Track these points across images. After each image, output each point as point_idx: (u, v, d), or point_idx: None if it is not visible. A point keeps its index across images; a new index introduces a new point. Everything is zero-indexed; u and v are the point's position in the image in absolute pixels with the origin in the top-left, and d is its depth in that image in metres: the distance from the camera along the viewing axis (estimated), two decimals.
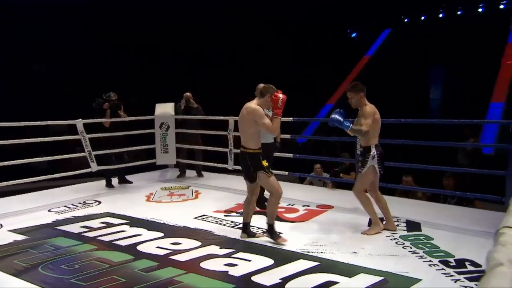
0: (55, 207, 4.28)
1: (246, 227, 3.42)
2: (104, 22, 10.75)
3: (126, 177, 5.48)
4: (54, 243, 3.23)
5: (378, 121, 3.31)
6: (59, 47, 10.55)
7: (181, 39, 11.88)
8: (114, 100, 5.23)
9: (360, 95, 3.30)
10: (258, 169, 3.21)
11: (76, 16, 10.57)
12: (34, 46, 10.55)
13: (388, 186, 4.49)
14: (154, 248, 3.12)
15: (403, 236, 3.38)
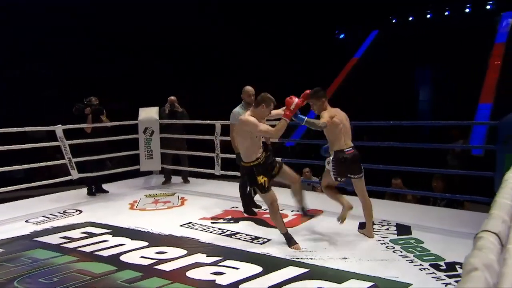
0: (33, 218, 4.19)
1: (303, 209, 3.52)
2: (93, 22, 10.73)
3: (103, 186, 5.37)
4: (32, 255, 3.16)
5: (336, 124, 3.27)
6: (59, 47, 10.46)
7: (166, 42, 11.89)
8: (96, 104, 5.17)
9: (322, 101, 3.31)
10: (253, 185, 3.26)
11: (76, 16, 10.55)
12: (34, 46, 10.45)
13: (378, 189, 4.53)
14: (138, 258, 3.08)
15: (393, 240, 3.41)
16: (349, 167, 3.33)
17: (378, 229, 3.71)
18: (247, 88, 4.22)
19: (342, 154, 3.28)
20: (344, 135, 3.32)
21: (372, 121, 5.17)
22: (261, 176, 3.20)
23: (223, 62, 12.23)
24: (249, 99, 4.20)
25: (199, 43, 12.01)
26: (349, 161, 3.30)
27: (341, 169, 3.31)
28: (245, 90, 4.21)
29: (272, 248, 3.28)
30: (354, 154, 3.34)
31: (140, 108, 5.87)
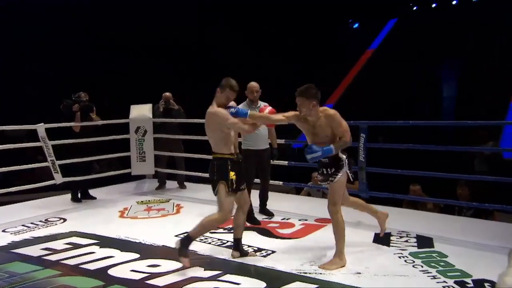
0: (11, 227, 4.21)
1: (237, 244, 3.39)
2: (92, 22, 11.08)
3: (90, 192, 5.39)
4: (9, 269, 3.16)
5: None
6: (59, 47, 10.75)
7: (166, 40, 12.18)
8: (85, 101, 5.18)
9: (312, 103, 3.06)
10: (220, 179, 3.11)
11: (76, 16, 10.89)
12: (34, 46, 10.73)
13: (395, 196, 4.52)
14: (128, 272, 3.08)
15: (413, 253, 3.39)
16: None
17: (396, 241, 3.69)
18: (250, 84, 4.27)
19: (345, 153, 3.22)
20: None
21: (388, 121, 5.17)
22: (234, 173, 3.11)
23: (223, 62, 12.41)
24: (252, 95, 4.26)
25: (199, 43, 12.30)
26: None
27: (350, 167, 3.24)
28: (248, 87, 4.27)
29: (277, 261, 3.27)
30: None
31: (132, 105, 5.88)
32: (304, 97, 3.07)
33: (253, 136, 4.29)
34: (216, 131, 3.15)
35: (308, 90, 3.08)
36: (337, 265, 3.12)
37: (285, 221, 4.29)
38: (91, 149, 5.29)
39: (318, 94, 3.10)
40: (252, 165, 4.38)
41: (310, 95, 3.07)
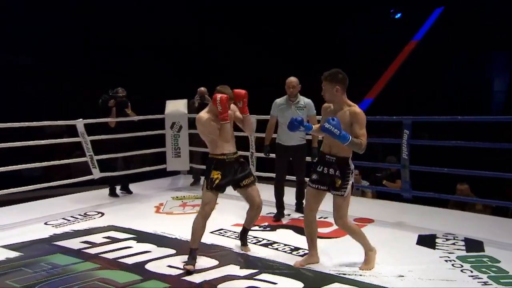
0: (52, 220, 4.41)
1: (242, 231, 3.59)
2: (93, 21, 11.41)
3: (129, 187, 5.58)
4: (51, 261, 3.33)
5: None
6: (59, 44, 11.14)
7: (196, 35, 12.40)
8: (122, 96, 5.32)
9: (335, 88, 2.92)
10: (205, 176, 3.33)
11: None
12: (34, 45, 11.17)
13: (440, 196, 4.39)
14: (165, 268, 3.17)
15: (461, 257, 3.29)
16: None
17: (442, 243, 3.59)
18: (288, 79, 4.33)
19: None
20: None
21: (434, 116, 5.01)
22: (218, 172, 3.27)
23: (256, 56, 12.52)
24: (289, 91, 4.30)
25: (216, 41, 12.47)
26: None
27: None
28: (286, 82, 4.32)
29: None
30: None
31: (167, 101, 6.01)
32: (327, 81, 2.95)
33: (285, 131, 4.30)
34: (201, 135, 3.36)
35: (332, 74, 2.95)
36: (373, 261, 3.10)
37: (323, 220, 4.26)
38: (128, 145, 5.45)
39: (344, 80, 2.94)
40: (282, 160, 4.44)
41: (334, 79, 2.93)
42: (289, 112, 4.28)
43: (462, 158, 5.56)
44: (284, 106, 4.35)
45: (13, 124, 4.74)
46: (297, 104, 4.32)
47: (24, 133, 6.44)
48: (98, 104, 5.30)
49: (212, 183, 3.25)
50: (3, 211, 4.77)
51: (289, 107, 4.33)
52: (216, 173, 3.27)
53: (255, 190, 3.42)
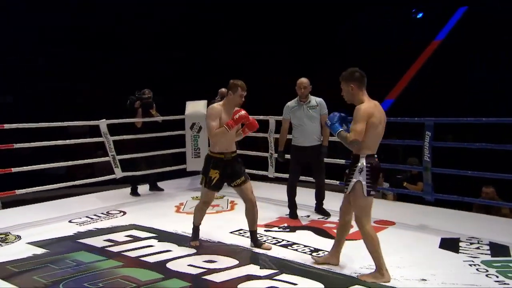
0: (76, 218, 4.52)
1: (251, 236, 3.66)
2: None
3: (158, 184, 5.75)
4: (76, 258, 3.41)
5: (376, 126, 2.86)
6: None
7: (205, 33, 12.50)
8: (147, 98, 5.47)
9: (350, 86, 2.90)
10: (203, 173, 3.50)
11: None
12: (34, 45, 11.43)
13: (464, 199, 4.31)
14: (186, 267, 3.21)
15: (486, 262, 3.23)
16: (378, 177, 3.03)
17: (466, 247, 3.54)
18: (299, 80, 4.37)
19: (376, 161, 2.92)
20: (378, 139, 2.95)
21: (459, 118, 4.93)
22: (216, 171, 3.43)
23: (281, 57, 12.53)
24: (300, 91, 4.36)
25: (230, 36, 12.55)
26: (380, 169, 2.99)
27: (375, 179, 2.92)
28: (297, 83, 4.38)
29: None
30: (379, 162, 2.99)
31: (187, 102, 6.08)
32: (343, 81, 2.95)
33: (299, 132, 4.33)
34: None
35: (348, 73, 2.94)
36: (377, 280, 2.91)
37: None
38: (152, 145, 5.58)
39: (360, 78, 2.90)
40: (298, 161, 4.45)
41: (349, 78, 2.91)
42: (301, 113, 4.33)
43: (488, 160, 5.46)
44: (296, 107, 4.38)
45: (40, 124, 4.88)
46: (308, 104, 4.36)
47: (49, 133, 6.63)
48: (126, 104, 5.47)
49: (210, 182, 3.44)
50: (30, 209, 4.92)
51: (300, 107, 4.37)
52: (215, 172, 3.42)
53: (248, 188, 3.53)
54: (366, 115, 2.82)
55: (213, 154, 3.47)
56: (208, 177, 3.44)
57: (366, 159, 2.87)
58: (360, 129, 2.80)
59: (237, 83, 3.43)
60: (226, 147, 3.46)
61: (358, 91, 2.91)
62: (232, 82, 3.45)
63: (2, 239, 3.87)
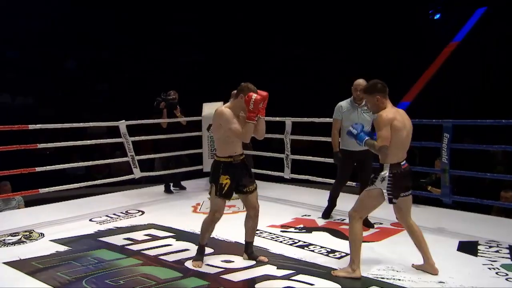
0: (96, 217, 4.63)
1: (246, 247, 3.45)
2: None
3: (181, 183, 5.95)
4: (97, 255, 3.51)
5: (399, 129, 2.91)
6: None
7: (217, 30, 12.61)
8: (172, 99, 5.63)
9: (376, 98, 3.00)
10: (212, 181, 3.27)
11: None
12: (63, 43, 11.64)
13: (483, 202, 4.28)
14: (204, 266, 3.27)
15: (506, 266, 3.22)
16: (406, 183, 3.05)
17: (485, 251, 3.52)
18: (356, 81, 4.13)
19: (401, 169, 2.96)
20: (404, 145, 3.02)
21: (477, 120, 4.88)
22: (226, 177, 3.19)
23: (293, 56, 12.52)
24: (355, 93, 4.12)
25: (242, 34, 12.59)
26: (407, 175, 3.04)
27: (398, 188, 2.97)
28: (354, 83, 4.14)
29: None
30: (409, 168, 3.06)
31: (204, 103, 6.17)
32: (367, 94, 3.08)
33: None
34: (219, 130, 3.21)
35: (371, 85, 3.07)
36: (347, 275, 3.01)
37: None
38: (178, 144, 5.79)
39: (383, 88, 3.02)
40: (346, 166, 4.27)
41: (373, 90, 3.03)
42: (355, 116, 4.10)
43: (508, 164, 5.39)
44: (350, 109, 4.15)
45: (64, 125, 5.03)
46: (363, 107, 4.12)
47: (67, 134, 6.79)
48: (154, 105, 5.68)
49: (221, 189, 3.20)
50: (51, 207, 5.05)
51: (355, 110, 4.14)
52: (225, 178, 3.19)
53: (256, 195, 3.40)
54: (387, 120, 2.90)
55: (222, 158, 3.23)
56: (218, 184, 3.19)
57: (390, 168, 2.94)
58: (386, 135, 2.88)
59: (250, 87, 3.20)
60: (234, 149, 3.24)
61: (384, 100, 3.01)
62: (245, 85, 3.22)
63: (27, 236, 4.00)
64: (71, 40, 11.44)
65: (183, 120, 5.80)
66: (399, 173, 2.94)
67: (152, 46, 12.18)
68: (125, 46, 11.90)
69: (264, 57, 12.61)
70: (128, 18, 12.00)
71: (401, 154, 2.99)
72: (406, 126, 2.98)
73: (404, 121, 2.98)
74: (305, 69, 11.89)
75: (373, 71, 12.00)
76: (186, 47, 12.53)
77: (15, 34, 10.69)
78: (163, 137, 5.66)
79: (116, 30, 11.92)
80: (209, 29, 12.64)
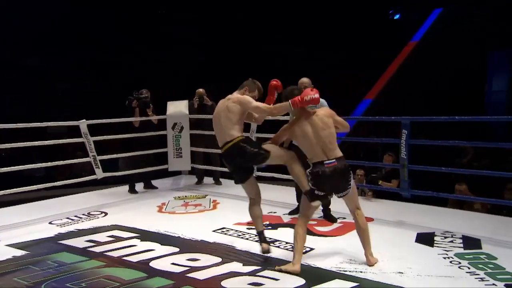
0: (57, 219, 4.48)
1: (260, 237, 3.42)
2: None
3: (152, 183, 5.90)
4: (57, 259, 3.40)
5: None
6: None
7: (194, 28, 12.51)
8: (145, 97, 5.56)
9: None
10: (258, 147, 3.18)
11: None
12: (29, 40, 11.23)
13: (439, 195, 4.47)
14: (169, 265, 3.24)
15: (459, 254, 3.37)
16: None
17: (440, 241, 3.67)
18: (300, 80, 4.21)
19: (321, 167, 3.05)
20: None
21: (432, 116, 5.09)
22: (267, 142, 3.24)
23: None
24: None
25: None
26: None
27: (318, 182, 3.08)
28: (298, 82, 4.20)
29: (316, 258, 3.34)
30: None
31: (168, 102, 6.09)
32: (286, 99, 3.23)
33: None
34: (239, 115, 3.23)
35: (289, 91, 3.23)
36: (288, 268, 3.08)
37: (323, 219, 4.33)
38: (149, 144, 5.71)
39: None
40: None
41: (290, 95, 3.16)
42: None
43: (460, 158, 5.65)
44: None
45: (19, 125, 4.81)
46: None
47: (26, 134, 6.54)
48: (126, 104, 5.59)
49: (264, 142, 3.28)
50: (9, 210, 4.85)
51: None
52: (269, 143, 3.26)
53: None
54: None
55: (240, 136, 3.23)
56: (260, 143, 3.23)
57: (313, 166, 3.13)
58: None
59: (259, 84, 3.30)
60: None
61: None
62: (254, 82, 3.31)
63: None
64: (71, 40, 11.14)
65: (154, 119, 5.74)
66: (320, 171, 3.07)
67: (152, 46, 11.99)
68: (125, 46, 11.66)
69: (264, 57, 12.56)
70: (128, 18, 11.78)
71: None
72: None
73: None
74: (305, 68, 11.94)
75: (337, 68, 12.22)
76: (186, 47, 12.40)
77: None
78: (130, 136, 5.58)
79: (116, 30, 11.68)
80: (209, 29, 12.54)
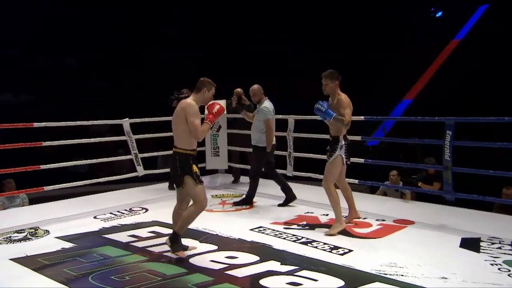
0: (101, 214, 4.66)
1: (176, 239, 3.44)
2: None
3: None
4: (102, 252, 3.55)
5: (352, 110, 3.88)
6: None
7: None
8: (185, 97, 5.62)
9: (335, 83, 3.84)
10: (185, 173, 3.34)
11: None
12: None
13: (486, 199, 4.31)
14: (208, 262, 3.31)
15: (508, 262, 3.24)
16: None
17: (487, 247, 3.55)
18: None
19: (348, 139, 3.93)
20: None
21: (478, 117, 4.91)
22: (196, 165, 3.39)
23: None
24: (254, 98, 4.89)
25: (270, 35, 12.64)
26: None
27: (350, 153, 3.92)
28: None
29: (355, 260, 3.31)
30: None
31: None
32: (327, 78, 3.85)
33: None
34: (182, 123, 3.33)
35: (329, 72, 3.86)
36: (338, 228, 3.87)
37: (362, 220, 4.28)
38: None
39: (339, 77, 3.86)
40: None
41: (332, 76, 3.84)
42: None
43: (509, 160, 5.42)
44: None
45: (68, 123, 5.06)
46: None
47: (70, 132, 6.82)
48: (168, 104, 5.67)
49: (198, 177, 3.37)
50: (56, 205, 5.09)
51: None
52: (195, 167, 3.38)
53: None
54: (349, 102, 3.84)
55: (189, 151, 3.37)
56: (194, 173, 3.33)
57: (344, 138, 3.86)
58: (350, 112, 3.83)
59: (212, 82, 3.45)
60: (195, 144, 3.42)
61: (338, 87, 3.87)
62: (207, 80, 3.45)
63: (32, 233, 4.04)
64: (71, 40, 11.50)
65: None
66: (349, 142, 3.92)
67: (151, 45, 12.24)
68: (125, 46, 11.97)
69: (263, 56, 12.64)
70: (128, 18, 12.06)
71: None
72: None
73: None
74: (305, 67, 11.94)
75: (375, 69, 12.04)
76: (185, 45, 12.57)
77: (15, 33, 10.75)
78: (169, 135, 5.69)
79: (116, 30, 11.98)
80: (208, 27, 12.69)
